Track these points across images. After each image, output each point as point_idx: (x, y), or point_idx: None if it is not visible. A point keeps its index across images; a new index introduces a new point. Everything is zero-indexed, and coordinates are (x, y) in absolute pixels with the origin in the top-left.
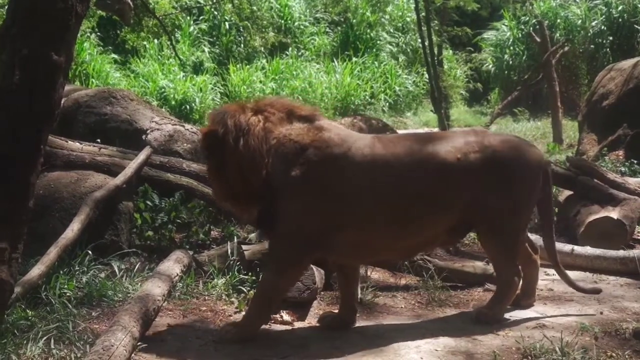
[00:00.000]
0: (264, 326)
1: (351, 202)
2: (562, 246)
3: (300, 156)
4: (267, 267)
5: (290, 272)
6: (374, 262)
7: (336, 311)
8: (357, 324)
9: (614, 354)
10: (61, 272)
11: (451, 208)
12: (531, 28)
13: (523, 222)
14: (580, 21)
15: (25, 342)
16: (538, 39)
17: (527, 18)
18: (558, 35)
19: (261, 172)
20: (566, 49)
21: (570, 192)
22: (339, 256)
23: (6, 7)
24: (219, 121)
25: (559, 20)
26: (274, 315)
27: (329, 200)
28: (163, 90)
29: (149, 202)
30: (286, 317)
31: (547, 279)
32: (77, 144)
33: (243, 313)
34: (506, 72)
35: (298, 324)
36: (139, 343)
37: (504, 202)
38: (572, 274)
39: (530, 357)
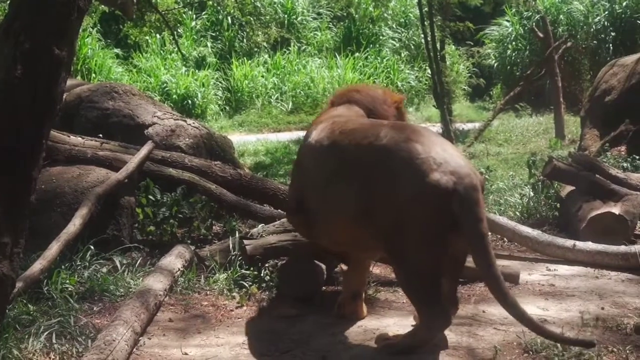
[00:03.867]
0: (267, 321)
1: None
2: (563, 242)
3: None
4: None
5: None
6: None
7: None
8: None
9: (615, 349)
10: (63, 267)
11: (356, 212)
12: (534, 23)
13: (422, 254)
14: (583, 17)
15: (27, 336)
16: (540, 35)
17: (530, 13)
18: (561, 30)
19: None
20: (569, 44)
21: (572, 188)
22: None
23: (8, 1)
24: None
25: (561, 16)
26: (279, 309)
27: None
28: (165, 85)
29: (150, 197)
30: (290, 310)
31: (548, 274)
32: (79, 138)
33: (244, 308)
34: (508, 67)
35: (300, 318)
36: (140, 338)
37: (389, 219)
38: (573, 270)
39: (531, 352)
